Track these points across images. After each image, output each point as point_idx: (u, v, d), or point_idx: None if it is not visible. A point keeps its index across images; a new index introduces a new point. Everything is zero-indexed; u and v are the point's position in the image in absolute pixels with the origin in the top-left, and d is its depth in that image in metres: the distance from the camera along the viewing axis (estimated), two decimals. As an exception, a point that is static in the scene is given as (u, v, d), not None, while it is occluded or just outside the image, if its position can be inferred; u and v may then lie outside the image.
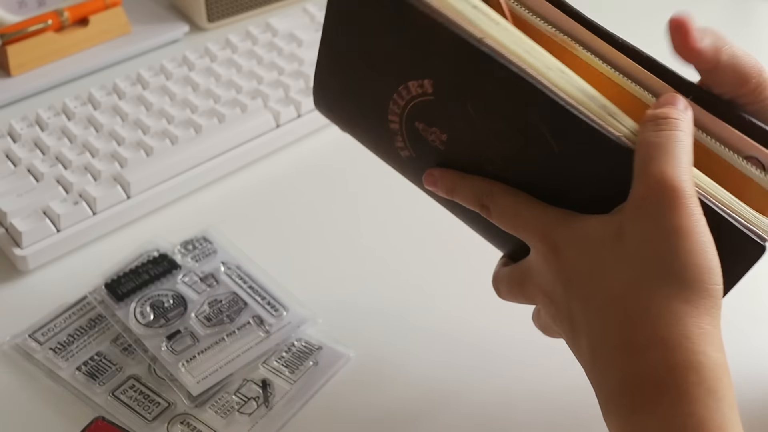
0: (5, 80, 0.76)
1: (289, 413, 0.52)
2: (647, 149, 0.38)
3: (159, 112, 0.70)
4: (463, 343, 0.56)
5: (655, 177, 0.38)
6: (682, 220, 0.37)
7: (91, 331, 0.55)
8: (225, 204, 0.66)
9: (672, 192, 0.37)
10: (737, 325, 0.58)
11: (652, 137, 0.38)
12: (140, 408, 0.51)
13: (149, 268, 0.59)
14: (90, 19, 0.79)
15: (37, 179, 0.63)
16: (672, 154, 0.38)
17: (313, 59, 0.76)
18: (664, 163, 0.38)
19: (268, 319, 0.56)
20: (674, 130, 0.39)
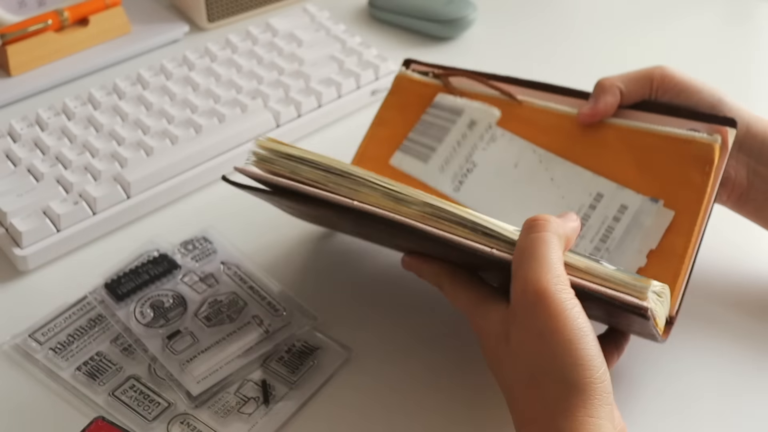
0: (5, 80, 0.76)
1: (288, 413, 0.52)
2: (518, 255, 0.44)
3: (159, 112, 0.70)
4: (463, 343, 0.56)
5: (522, 282, 0.42)
6: (547, 323, 0.41)
7: (91, 331, 0.55)
8: (225, 204, 0.66)
9: (536, 296, 0.42)
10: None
11: (522, 242, 0.44)
12: (140, 408, 0.51)
13: (149, 268, 0.59)
14: (90, 19, 0.79)
15: (37, 179, 0.63)
16: (537, 257, 0.42)
17: (313, 59, 0.77)
18: (529, 268, 0.42)
19: (267, 319, 0.56)
20: (540, 232, 0.43)
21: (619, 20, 0.92)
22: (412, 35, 0.87)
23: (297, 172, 0.51)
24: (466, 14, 0.85)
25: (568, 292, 0.42)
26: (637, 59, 0.85)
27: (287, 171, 0.51)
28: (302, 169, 0.51)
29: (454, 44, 0.86)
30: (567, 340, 0.41)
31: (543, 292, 0.42)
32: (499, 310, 0.46)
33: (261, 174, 0.52)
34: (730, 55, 0.87)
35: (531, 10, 0.92)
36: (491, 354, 0.46)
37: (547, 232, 0.44)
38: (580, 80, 0.82)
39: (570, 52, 0.86)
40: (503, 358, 0.45)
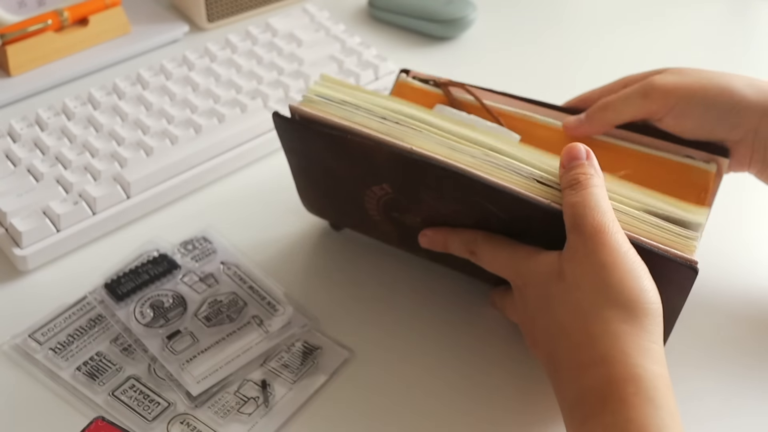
0: (5, 80, 0.76)
1: (288, 413, 0.52)
2: (571, 209, 0.46)
3: (159, 112, 0.70)
4: (463, 343, 0.56)
5: (581, 228, 0.45)
6: (608, 256, 0.44)
7: (90, 331, 0.55)
8: (225, 204, 0.66)
9: (596, 235, 0.44)
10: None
11: (572, 198, 0.46)
12: (140, 408, 0.51)
13: (149, 268, 0.59)
14: (90, 19, 0.79)
15: (37, 179, 0.63)
16: (591, 206, 0.45)
17: (313, 59, 0.77)
18: (586, 216, 0.45)
19: (267, 319, 0.56)
20: (587, 187, 0.46)
21: (618, 20, 0.92)
22: (412, 35, 0.87)
23: (350, 118, 0.50)
24: (466, 14, 0.85)
25: (623, 234, 0.45)
26: (637, 59, 0.85)
27: (340, 115, 0.51)
28: (357, 115, 0.50)
29: (454, 44, 0.86)
30: (630, 270, 0.43)
31: (603, 230, 0.44)
32: (550, 256, 0.47)
33: (315, 114, 0.51)
34: (730, 55, 0.87)
35: (531, 10, 0.92)
36: (539, 299, 0.47)
37: (592, 186, 0.46)
38: (580, 80, 0.82)
39: (570, 52, 0.86)
40: (555, 296, 0.45)
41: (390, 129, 0.50)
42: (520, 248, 0.49)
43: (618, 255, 0.44)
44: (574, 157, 0.48)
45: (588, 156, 0.48)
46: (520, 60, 0.84)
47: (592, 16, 0.92)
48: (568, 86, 0.81)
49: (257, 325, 0.56)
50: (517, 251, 0.49)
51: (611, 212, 0.46)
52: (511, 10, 0.92)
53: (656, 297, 0.44)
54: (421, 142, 0.49)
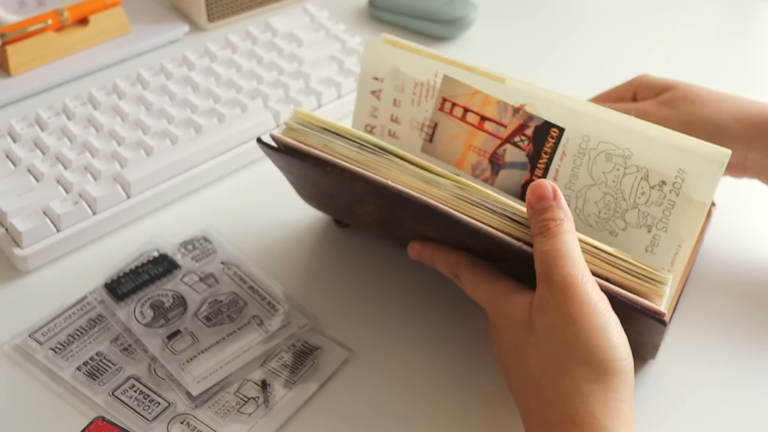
0: (5, 80, 0.76)
1: (288, 413, 0.52)
2: (542, 257, 0.45)
3: (159, 112, 0.70)
4: (462, 344, 0.56)
5: (551, 279, 0.44)
6: (578, 310, 0.43)
7: (91, 331, 0.55)
8: (225, 204, 0.66)
9: (566, 287, 0.43)
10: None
11: (543, 246, 0.45)
12: (140, 408, 0.51)
13: (149, 268, 0.59)
14: (90, 18, 0.79)
15: (37, 179, 0.63)
16: (561, 254, 0.44)
17: (313, 59, 0.77)
18: (556, 266, 0.44)
19: (267, 319, 0.56)
20: (557, 234, 0.45)
21: (618, 20, 0.92)
22: (412, 35, 0.87)
23: (330, 147, 0.51)
24: (466, 14, 0.85)
25: (594, 284, 0.44)
26: (637, 59, 0.85)
27: (320, 144, 0.51)
28: (335, 143, 0.51)
29: (454, 44, 0.86)
30: (599, 324, 0.43)
31: (572, 281, 0.43)
32: (524, 300, 0.46)
33: (296, 144, 0.52)
34: (729, 55, 0.87)
35: (531, 10, 0.92)
36: (511, 344, 0.46)
37: (564, 233, 0.45)
38: (580, 80, 0.82)
39: (570, 52, 0.86)
40: (526, 346, 0.45)
41: (368, 159, 0.51)
42: (499, 284, 0.48)
43: (588, 308, 0.43)
44: (542, 197, 0.46)
45: (555, 195, 0.46)
46: (521, 60, 0.84)
47: (592, 15, 0.92)
48: (568, 86, 0.81)
49: (257, 325, 0.56)
50: (495, 287, 0.48)
51: (581, 261, 0.45)
52: (511, 10, 0.92)
53: (626, 352, 0.43)
54: (396, 175, 0.50)
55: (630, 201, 0.52)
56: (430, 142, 0.59)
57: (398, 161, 0.50)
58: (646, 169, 0.51)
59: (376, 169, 0.50)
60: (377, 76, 0.60)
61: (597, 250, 0.47)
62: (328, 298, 0.59)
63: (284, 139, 0.52)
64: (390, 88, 0.59)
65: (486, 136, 0.56)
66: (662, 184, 0.50)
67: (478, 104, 0.56)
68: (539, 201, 0.46)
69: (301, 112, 0.53)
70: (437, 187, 0.49)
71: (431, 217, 0.49)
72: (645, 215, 0.51)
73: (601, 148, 0.52)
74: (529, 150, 0.55)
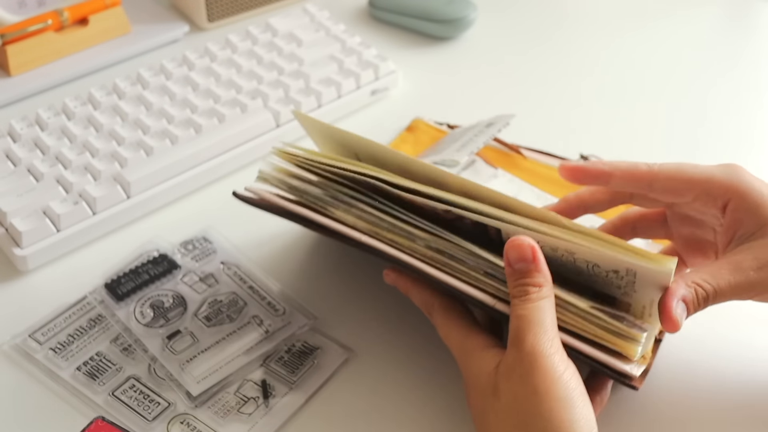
0: (5, 80, 0.76)
1: (288, 413, 0.52)
2: (516, 321, 0.45)
3: (159, 111, 0.70)
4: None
5: (520, 345, 0.44)
6: (542, 382, 0.42)
7: (91, 331, 0.55)
8: (225, 204, 0.66)
9: (533, 356, 0.43)
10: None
11: (519, 309, 0.45)
12: (140, 408, 0.51)
13: (149, 268, 0.59)
14: (90, 18, 0.79)
15: (37, 179, 0.63)
16: (535, 322, 0.44)
17: (313, 59, 0.77)
18: (528, 333, 0.44)
19: (267, 319, 0.56)
20: (534, 301, 0.45)
21: (618, 20, 0.92)
22: (412, 35, 0.87)
23: (306, 194, 0.52)
24: (466, 14, 0.85)
25: (562, 354, 0.44)
26: (637, 59, 0.85)
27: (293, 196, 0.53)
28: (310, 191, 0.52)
29: (454, 44, 0.86)
30: (562, 398, 0.42)
31: (539, 354, 0.43)
32: (492, 360, 0.46)
33: (268, 197, 0.53)
34: (729, 55, 0.87)
35: (531, 10, 0.92)
36: (478, 405, 0.46)
37: (540, 300, 0.45)
38: (580, 80, 0.82)
39: (570, 53, 0.86)
40: (490, 412, 0.45)
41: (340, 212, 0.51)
42: (470, 339, 0.48)
43: (552, 381, 0.43)
44: (522, 259, 0.46)
45: (535, 258, 0.46)
46: (521, 60, 0.84)
47: (593, 16, 0.92)
48: (568, 86, 0.81)
49: (257, 325, 0.56)
50: (467, 341, 0.48)
51: (553, 330, 0.45)
52: (511, 10, 0.92)
53: (588, 426, 0.43)
54: (370, 226, 0.50)
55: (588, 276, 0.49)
56: None
57: (372, 211, 0.50)
58: (595, 263, 0.48)
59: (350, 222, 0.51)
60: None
61: (572, 306, 0.47)
62: (328, 298, 0.59)
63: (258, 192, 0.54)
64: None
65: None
66: (615, 271, 0.48)
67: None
68: (519, 262, 0.46)
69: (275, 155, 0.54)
70: (412, 239, 0.49)
71: (405, 268, 0.49)
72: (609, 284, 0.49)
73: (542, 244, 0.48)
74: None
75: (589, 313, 0.46)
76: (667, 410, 0.53)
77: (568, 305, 0.47)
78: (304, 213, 0.52)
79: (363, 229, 0.51)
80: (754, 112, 0.79)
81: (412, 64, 0.82)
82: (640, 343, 0.46)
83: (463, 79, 0.81)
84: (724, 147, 0.75)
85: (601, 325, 0.46)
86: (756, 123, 0.78)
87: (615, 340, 0.46)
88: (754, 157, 0.73)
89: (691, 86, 0.82)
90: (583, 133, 0.75)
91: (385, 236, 0.50)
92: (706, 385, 0.54)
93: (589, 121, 0.77)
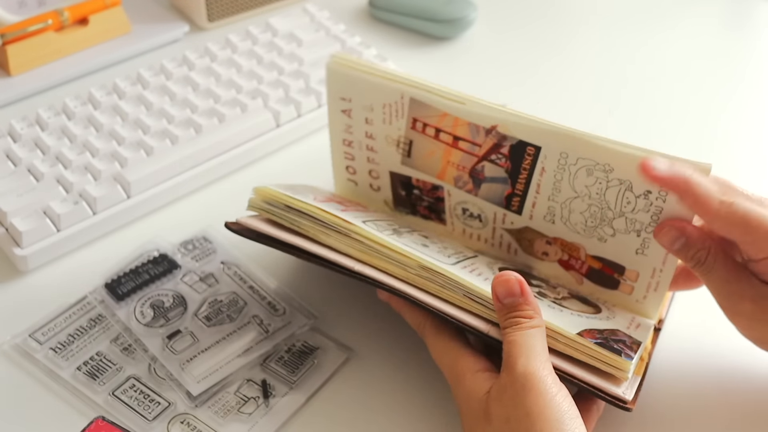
0: (5, 80, 0.76)
1: (288, 413, 0.52)
2: (508, 347, 0.45)
3: (159, 111, 0.70)
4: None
5: (512, 369, 0.44)
6: (534, 404, 0.43)
7: (91, 331, 0.55)
8: (225, 204, 0.66)
9: (525, 378, 0.44)
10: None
11: (511, 336, 0.46)
12: (140, 408, 0.51)
13: (149, 268, 0.59)
14: (90, 18, 0.79)
15: (37, 179, 0.63)
16: (528, 346, 0.45)
17: (313, 59, 0.77)
18: (520, 357, 0.44)
19: (267, 319, 0.56)
20: (526, 329, 0.46)
21: (618, 20, 0.92)
22: (412, 35, 0.87)
23: (297, 224, 0.52)
24: (466, 14, 0.85)
25: (554, 377, 0.45)
26: (637, 59, 0.85)
27: (287, 222, 0.52)
28: (302, 223, 0.52)
29: (454, 44, 0.86)
30: (554, 420, 0.43)
31: (531, 375, 0.44)
32: (484, 384, 0.46)
33: (262, 228, 0.53)
34: (729, 55, 0.87)
35: (531, 10, 0.92)
36: (469, 428, 0.46)
37: (535, 329, 0.46)
38: (579, 80, 0.82)
39: (570, 53, 0.86)
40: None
41: (332, 239, 0.51)
42: (462, 361, 0.48)
43: (544, 402, 0.43)
44: (510, 293, 0.47)
45: (523, 291, 0.47)
46: (521, 60, 0.84)
47: (592, 15, 0.92)
48: (568, 86, 0.82)
49: (257, 325, 0.56)
50: (458, 363, 0.48)
51: (544, 354, 0.45)
52: (511, 10, 0.92)
53: None
54: (360, 254, 0.51)
55: (616, 210, 0.51)
56: (408, 157, 0.58)
57: (364, 240, 0.50)
58: (630, 181, 0.50)
59: (344, 250, 0.51)
60: (344, 96, 0.58)
61: (562, 336, 0.47)
62: (328, 298, 0.59)
63: (249, 223, 0.53)
64: (359, 107, 0.58)
65: (462, 154, 0.55)
66: (648, 193, 0.49)
67: (449, 125, 0.55)
68: (507, 296, 0.47)
69: (263, 190, 0.53)
70: (403, 267, 0.50)
71: (399, 295, 0.49)
72: (633, 221, 0.51)
73: (580, 164, 0.51)
74: (507, 167, 0.54)
75: (578, 342, 0.47)
76: (666, 411, 0.53)
77: (557, 335, 0.47)
78: (296, 242, 0.51)
79: (355, 256, 0.51)
80: (754, 112, 0.79)
81: (412, 64, 0.82)
82: (629, 371, 0.46)
83: (463, 79, 0.81)
84: (725, 147, 0.75)
85: (590, 355, 0.47)
86: (756, 123, 0.78)
87: (604, 366, 0.47)
88: (755, 157, 0.73)
89: (692, 86, 0.82)
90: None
91: (378, 264, 0.50)
92: (706, 385, 0.54)
93: (590, 121, 0.77)
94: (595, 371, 0.47)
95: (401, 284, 0.49)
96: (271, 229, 0.52)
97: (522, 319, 0.46)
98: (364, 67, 0.57)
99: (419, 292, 0.49)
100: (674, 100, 0.80)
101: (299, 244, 0.51)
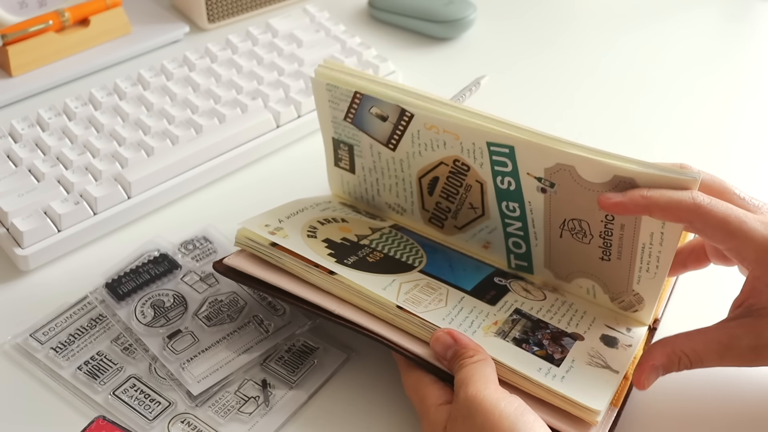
0: (6, 80, 0.76)
1: (288, 413, 0.52)
2: (457, 384, 0.47)
3: (159, 112, 0.70)
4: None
5: (458, 399, 0.46)
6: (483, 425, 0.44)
7: (91, 331, 0.55)
8: (225, 204, 0.67)
9: (470, 404, 0.45)
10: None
11: (459, 374, 0.47)
12: (141, 407, 0.51)
13: (150, 268, 0.59)
14: (91, 19, 0.79)
15: (38, 179, 0.64)
16: (469, 377, 0.46)
17: (313, 60, 0.77)
18: (463, 387, 0.46)
19: (267, 319, 0.56)
20: (470, 364, 0.47)
21: (618, 20, 0.92)
22: (412, 36, 0.87)
23: (281, 263, 0.53)
24: (466, 15, 0.85)
25: (495, 387, 0.46)
26: (637, 59, 0.85)
27: (272, 259, 0.53)
28: (285, 260, 0.53)
29: (454, 45, 0.86)
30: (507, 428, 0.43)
31: (473, 399, 0.45)
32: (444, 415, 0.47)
33: (245, 268, 0.53)
34: (729, 55, 0.87)
35: (531, 11, 0.92)
36: None
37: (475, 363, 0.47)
38: (579, 81, 0.82)
39: (570, 53, 0.86)
40: None
41: (312, 277, 0.52)
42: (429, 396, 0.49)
43: (493, 419, 0.44)
44: (446, 347, 0.49)
45: (456, 339, 0.49)
46: (520, 61, 0.84)
47: (592, 16, 0.92)
48: (567, 87, 0.82)
49: (257, 325, 0.56)
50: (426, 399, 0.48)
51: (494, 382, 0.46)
52: (511, 10, 0.92)
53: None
54: (340, 292, 0.51)
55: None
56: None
57: (344, 281, 0.51)
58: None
59: (325, 288, 0.52)
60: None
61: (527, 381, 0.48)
62: (328, 298, 0.59)
63: (234, 264, 0.54)
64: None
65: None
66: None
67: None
68: (446, 350, 0.49)
69: (246, 231, 0.54)
70: (380, 307, 0.51)
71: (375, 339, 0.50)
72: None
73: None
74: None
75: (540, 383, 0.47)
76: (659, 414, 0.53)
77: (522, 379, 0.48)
78: (278, 283, 0.52)
79: (337, 294, 0.52)
80: (754, 112, 0.79)
81: (412, 65, 0.82)
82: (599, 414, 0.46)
83: (462, 79, 0.81)
84: (725, 146, 0.75)
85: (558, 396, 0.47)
86: (756, 122, 0.78)
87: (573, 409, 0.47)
88: (754, 157, 0.74)
89: (692, 86, 0.82)
90: (584, 133, 0.75)
91: (358, 303, 0.51)
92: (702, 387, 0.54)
93: (590, 121, 0.77)
94: (563, 414, 0.47)
95: (377, 325, 0.50)
96: (255, 269, 0.53)
97: (464, 359, 0.48)
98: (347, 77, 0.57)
99: (392, 334, 0.50)
100: (675, 99, 0.80)
101: (281, 286, 0.52)
